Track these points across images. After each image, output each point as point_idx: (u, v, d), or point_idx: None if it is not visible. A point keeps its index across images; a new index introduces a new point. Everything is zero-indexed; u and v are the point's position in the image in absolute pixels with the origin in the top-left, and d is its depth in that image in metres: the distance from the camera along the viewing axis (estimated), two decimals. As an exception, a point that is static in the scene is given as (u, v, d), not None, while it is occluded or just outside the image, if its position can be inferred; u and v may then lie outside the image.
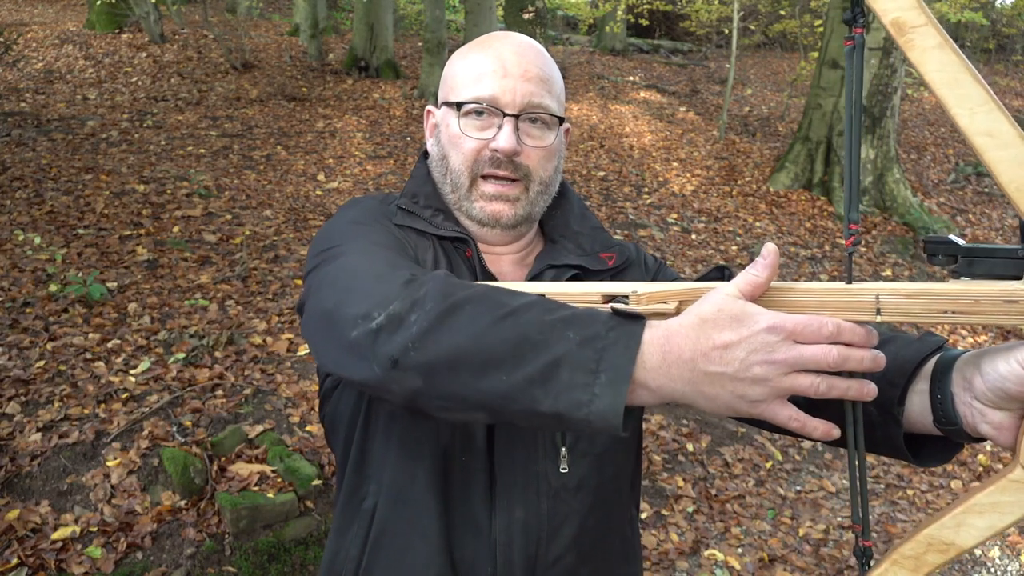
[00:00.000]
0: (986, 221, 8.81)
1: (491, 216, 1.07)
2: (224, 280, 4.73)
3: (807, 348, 0.70)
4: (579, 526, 1.05)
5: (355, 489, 1.10)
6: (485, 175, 1.06)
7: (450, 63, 1.13)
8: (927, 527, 0.73)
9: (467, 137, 1.05)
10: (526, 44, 1.09)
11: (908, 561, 0.74)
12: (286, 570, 2.96)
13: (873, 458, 4.47)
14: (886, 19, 0.67)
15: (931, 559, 0.73)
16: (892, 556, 0.74)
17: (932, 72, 0.67)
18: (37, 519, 2.88)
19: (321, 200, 6.40)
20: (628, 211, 7.37)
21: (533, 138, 1.06)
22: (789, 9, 14.43)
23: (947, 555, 0.73)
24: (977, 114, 0.66)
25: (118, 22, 11.43)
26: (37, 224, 5.16)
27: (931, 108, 13.37)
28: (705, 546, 3.49)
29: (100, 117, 7.92)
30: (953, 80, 0.67)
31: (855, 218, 0.71)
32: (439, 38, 9.94)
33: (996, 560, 3.74)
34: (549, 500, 1.03)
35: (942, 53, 0.67)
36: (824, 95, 8.42)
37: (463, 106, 1.05)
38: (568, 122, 1.13)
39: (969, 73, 0.67)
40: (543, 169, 1.08)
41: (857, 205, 0.71)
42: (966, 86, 0.67)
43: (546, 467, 1.03)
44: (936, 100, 0.69)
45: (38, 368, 3.61)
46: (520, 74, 1.05)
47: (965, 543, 0.72)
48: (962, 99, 0.67)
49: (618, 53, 16.08)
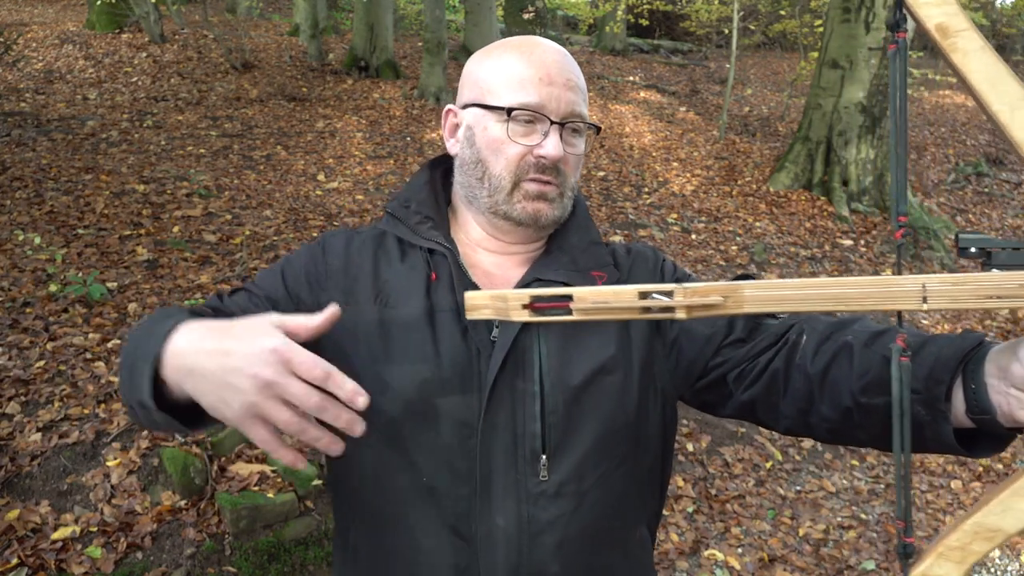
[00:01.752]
0: (986, 221, 8.82)
1: (532, 215, 1.07)
2: (224, 280, 4.73)
3: (293, 382, 0.76)
4: (562, 534, 1.03)
5: (342, 525, 1.15)
6: (527, 179, 1.07)
7: (478, 64, 1.12)
8: (972, 516, 0.74)
9: (513, 143, 1.06)
10: (562, 52, 1.10)
11: (954, 553, 0.74)
12: (286, 570, 2.96)
13: (873, 457, 4.47)
14: (930, 24, 0.71)
15: (977, 547, 0.73)
16: (937, 549, 0.74)
17: (975, 73, 0.71)
18: (37, 519, 2.88)
19: (321, 200, 6.40)
20: (628, 211, 7.37)
21: (571, 146, 1.08)
22: (789, 9, 14.43)
23: (993, 541, 0.73)
24: (1018, 110, 0.71)
25: (118, 22, 11.43)
26: (37, 224, 5.16)
27: (931, 108, 13.37)
28: (705, 546, 3.49)
29: (100, 117, 7.92)
30: (996, 80, 0.71)
31: (903, 210, 0.73)
32: (439, 38, 9.94)
33: (996, 560, 3.74)
34: (529, 507, 1.02)
35: (984, 55, 0.71)
36: (824, 95, 8.42)
37: (512, 111, 1.05)
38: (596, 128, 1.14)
39: (1009, 74, 0.71)
40: (575, 175, 1.11)
41: (905, 198, 0.73)
42: (1008, 84, 0.71)
43: (525, 473, 1.03)
44: (976, 101, 0.72)
45: (38, 368, 3.61)
46: (563, 82, 1.06)
47: (1012, 528, 0.73)
48: (1003, 96, 0.71)
49: (618, 53, 16.07)
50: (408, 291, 1.07)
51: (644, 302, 0.78)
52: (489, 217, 1.11)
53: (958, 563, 0.74)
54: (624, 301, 0.79)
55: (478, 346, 1.03)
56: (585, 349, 1.06)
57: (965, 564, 0.74)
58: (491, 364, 1.02)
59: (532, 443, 1.03)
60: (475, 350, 1.03)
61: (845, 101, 8.26)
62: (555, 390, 1.04)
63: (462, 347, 1.04)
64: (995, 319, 6.56)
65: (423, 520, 1.04)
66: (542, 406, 1.03)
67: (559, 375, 1.04)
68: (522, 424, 1.03)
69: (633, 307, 0.79)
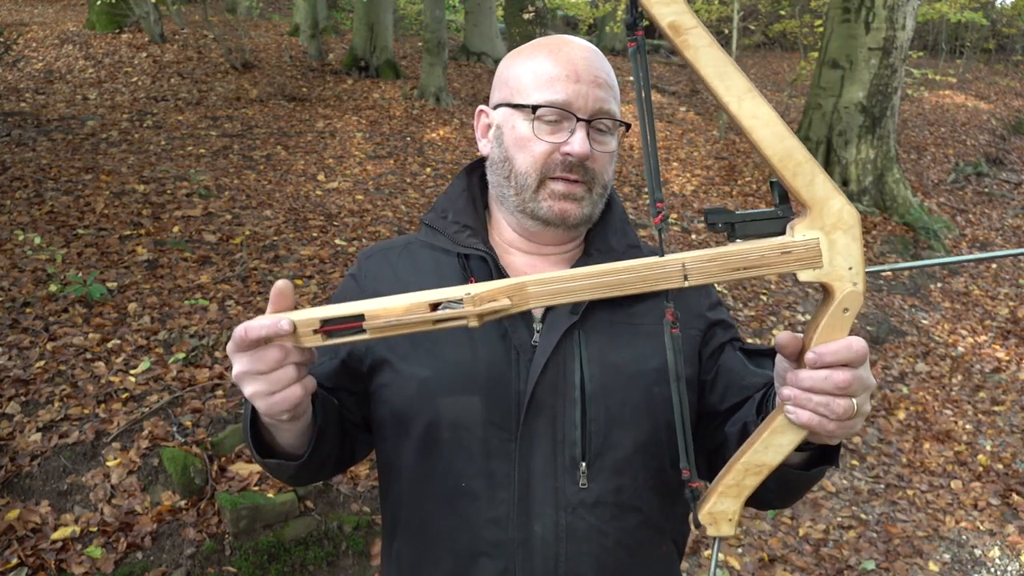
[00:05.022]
0: (986, 221, 8.82)
1: (558, 215, 1.07)
2: (224, 280, 4.73)
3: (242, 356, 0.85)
4: (599, 544, 1.03)
5: (387, 529, 1.16)
6: (554, 177, 1.06)
7: (509, 65, 1.13)
8: (742, 457, 0.85)
9: (539, 140, 1.05)
10: (592, 49, 1.10)
11: (731, 489, 0.85)
12: (286, 570, 2.96)
13: (873, 457, 4.48)
14: (664, 22, 0.76)
15: (749, 482, 0.85)
16: (718, 489, 0.86)
17: (705, 67, 0.77)
18: (37, 519, 2.88)
19: (321, 200, 6.40)
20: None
21: (600, 143, 1.08)
22: (789, 9, 14.43)
23: (761, 475, 0.84)
24: (744, 100, 0.77)
25: (118, 22, 11.43)
26: (37, 224, 5.16)
27: (931, 108, 13.37)
28: (705, 546, 3.49)
29: (100, 117, 7.92)
30: (723, 73, 0.77)
31: (660, 197, 0.81)
32: (439, 38, 9.94)
33: (996, 560, 3.74)
34: (567, 515, 1.02)
35: (712, 50, 0.77)
36: (824, 95, 8.42)
37: (537, 109, 1.05)
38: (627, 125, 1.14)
39: (734, 67, 0.77)
40: (606, 173, 1.10)
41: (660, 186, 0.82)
42: (733, 78, 0.77)
43: (564, 482, 1.02)
44: (709, 92, 0.79)
45: (38, 368, 3.61)
46: (591, 80, 1.06)
47: (774, 461, 0.84)
48: (731, 89, 0.77)
49: (618, 53, 16.07)
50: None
51: (436, 314, 0.83)
52: (519, 217, 1.11)
53: (735, 498, 0.85)
54: (415, 316, 0.83)
55: (518, 350, 1.03)
56: (629, 357, 1.06)
57: (740, 498, 0.85)
58: (532, 369, 1.02)
59: (572, 450, 1.02)
60: (515, 354, 1.03)
61: (845, 101, 8.26)
62: (596, 397, 1.03)
63: (500, 351, 1.04)
64: (995, 319, 6.56)
65: (460, 525, 1.04)
66: (583, 413, 1.03)
67: (601, 382, 1.04)
68: (562, 430, 1.03)
69: (426, 320, 0.83)
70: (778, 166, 0.78)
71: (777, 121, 0.78)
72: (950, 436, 4.78)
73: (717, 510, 0.86)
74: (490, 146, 1.14)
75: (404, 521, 1.11)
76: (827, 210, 0.79)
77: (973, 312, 6.68)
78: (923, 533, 3.87)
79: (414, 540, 1.09)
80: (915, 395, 5.22)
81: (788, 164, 0.78)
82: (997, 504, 4.17)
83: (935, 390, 5.34)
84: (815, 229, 0.80)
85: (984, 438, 4.82)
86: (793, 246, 0.80)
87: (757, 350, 1.14)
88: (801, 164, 0.78)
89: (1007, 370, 5.72)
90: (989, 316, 6.60)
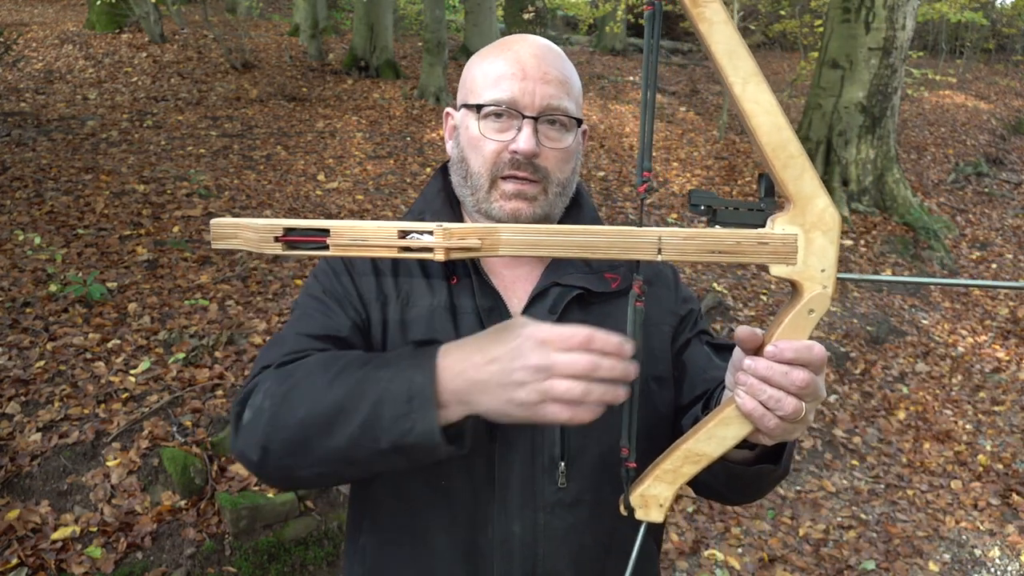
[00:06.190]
0: (986, 221, 8.81)
1: (510, 214, 1.06)
2: (224, 280, 4.73)
3: (559, 355, 0.78)
4: (578, 543, 1.04)
5: (353, 525, 1.15)
6: (505, 176, 1.06)
7: (469, 66, 1.13)
8: (684, 444, 0.83)
9: (487, 139, 1.06)
10: (545, 46, 1.09)
11: (667, 475, 0.84)
12: (286, 570, 2.96)
13: (873, 458, 4.47)
14: None
15: (686, 470, 0.84)
16: (655, 472, 0.85)
17: (717, 44, 0.76)
18: (37, 519, 2.88)
19: (321, 200, 6.40)
20: (628, 211, 7.37)
21: (551, 140, 1.07)
22: (789, 9, 14.43)
23: (699, 464, 0.83)
24: (749, 84, 0.76)
25: (118, 22, 11.43)
26: (37, 224, 5.16)
27: (931, 108, 13.37)
28: (705, 546, 3.49)
29: (100, 117, 7.92)
30: (733, 52, 0.76)
31: (648, 167, 0.81)
32: (439, 38, 9.94)
33: (996, 560, 3.74)
34: (545, 515, 1.03)
35: (727, 28, 0.75)
36: (824, 95, 8.42)
37: (482, 108, 1.05)
38: (586, 124, 1.13)
39: (745, 49, 0.76)
40: (560, 171, 1.09)
41: (651, 155, 0.81)
42: (742, 59, 0.76)
43: (543, 482, 1.03)
44: (715, 70, 0.78)
45: (38, 368, 3.61)
46: (539, 76, 1.05)
47: (714, 452, 0.83)
48: (738, 69, 0.76)
49: (618, 53, 16.07)
50: (428, 294, 1.08)
51: (403, 241, 0.81)
52: (476, 217, 1.11)
53: (670, 483, 0.84)
54: (383, 238, 0.81)
55: None
56: None
57: (675, 484, 0.84)
58: None
59: (551, 450, 1.03)
60: None
61: (845, 101, 8.25)
62: None
63: None
64: (995, 319, 6.56)
65: (437, 524, 1.04)
66: None
67: None
68: (541, 430, 1.03)
69: (392, 245, 0.81)
70: (770, 155, 0.77)
71: (777, 111, 0.77)
72: (950, 436, 4.78)
73: (650, 493, 0.84)
74: (452, 147, 1.15)
75: (374, 515, 1.10)
76: (810, 208, 0.79)
77: (973, 312, 6.68)
78: (923, 533, 3.87)
79: (385, 537, 1.09)
80: (915, 395, 5.22)
81: (780, 155, 0.78)
82: (997, 504, 4.17)
83: (935, 390, 5.34)
84: (795, 225, 0.79)
85: (984, 438, 4.82)
86: (770, 238, 0.79)
87: (726, 344, 1.14)
88: (793, 157, 0.78)
89: (1007, 370, 5.72)
90: (989, 316, 6.60)
